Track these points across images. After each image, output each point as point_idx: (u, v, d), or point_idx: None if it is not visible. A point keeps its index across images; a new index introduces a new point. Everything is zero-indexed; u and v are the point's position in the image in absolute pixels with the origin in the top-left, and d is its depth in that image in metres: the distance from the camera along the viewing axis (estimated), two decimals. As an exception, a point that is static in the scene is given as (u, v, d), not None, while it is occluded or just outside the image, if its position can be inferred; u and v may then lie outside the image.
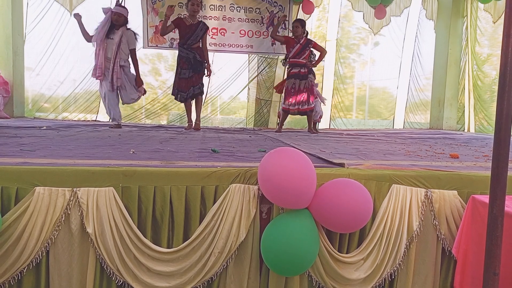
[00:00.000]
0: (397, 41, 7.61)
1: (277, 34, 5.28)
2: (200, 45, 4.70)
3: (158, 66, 7.61)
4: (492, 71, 6.53)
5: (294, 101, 5.02)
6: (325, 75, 7.54)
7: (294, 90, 5.01)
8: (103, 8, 4.59)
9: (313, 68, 5.17)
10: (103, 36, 4.46)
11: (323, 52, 5.13)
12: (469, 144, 3.84)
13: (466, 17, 6.91)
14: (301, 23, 5.01)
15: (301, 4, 6.92)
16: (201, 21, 4.79)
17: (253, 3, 6.82)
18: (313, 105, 5.12)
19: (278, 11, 6.88)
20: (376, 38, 7.60)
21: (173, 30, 4.78)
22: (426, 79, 7.60)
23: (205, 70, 4.75)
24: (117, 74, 4.48)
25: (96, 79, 4.59)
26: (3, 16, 6.03)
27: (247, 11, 6.84)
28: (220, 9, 6.77)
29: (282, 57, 7.14)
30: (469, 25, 6.84)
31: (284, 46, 5.24)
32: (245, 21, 6.85)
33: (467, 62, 6.91)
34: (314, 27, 7.57)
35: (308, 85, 5.01)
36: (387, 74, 7.82)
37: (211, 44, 6.83)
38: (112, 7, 4.64)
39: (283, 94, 5.25)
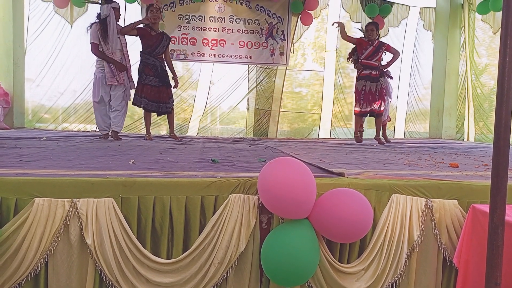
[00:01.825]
0: (396, 51, 7.65)
1: (347, 36, 5.07)
2: (163, 56, 4.70)
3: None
4: (491, 80, 6.57)
5: (366, 102, 4.87)
6: (324, 85, 7.58)
7: (364, 92, 4.89)
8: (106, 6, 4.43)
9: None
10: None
11: (396, 54, 5.01)
12: (468, 153, 3.85)
13: (463, 28, 6.98)
14: (376, 26, 4.95)
15: (300, 16, 6.99)
16: (163, 32, 4.75)
17: (252, 15, 6.90)
18: (383, 108, 4.96)
19: (277, 22, 6.96)
20: (374, 48, 7.65)
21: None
22: (424, 88, 7.65)
23: (173, 82, 4.76)
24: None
25: (120, 84, 4.49)
26: (4, 28, 6.09)
27: (246, 23, 6.91)
28: (220, 20, 6.85)
29: (281, 67, 7.23)
30: (467, 35, 6.90)
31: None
32: (244, 32, 6.92)
33: (465, 72, 6.96)
34: (313, 37, 7.63)
35: (379, 88, 4.88)
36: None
37: (210, 55, 6.90)
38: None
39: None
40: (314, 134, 7.67)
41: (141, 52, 4.63)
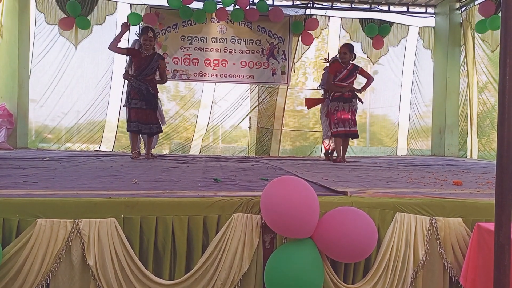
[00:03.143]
0: (396, 70, 7.74)
1: (332, 83, 4.96)
2: (155, 76, 4.67)
3: (160, 96, 7.67)
4: (491, 97, 6.60)
5: (341, 122, 4.87)
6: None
7: (338, 112, 4.89)
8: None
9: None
10: None
11: (370, 79, 5.04)
12: (472, 171, 3.83)
13: (463, 46, 7.06)
14: (349, 48, 4.92)
15: (300, 36, 7.10)
16: (156, 52, 4.70)
17: (254, 35, 7.01)
18: (356, 129, 4.96)
19: (278, 43, 7.07)
20: (375, 67, 7.74)
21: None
22: (426, 106, 7.69)
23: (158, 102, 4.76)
24: None
25: None
26: (10, 50, 6.20)
27: (248, 43, 7.02)
28: (222, 41, 6.96)
29: (283, 86, 7.29)
30: (466, 53, 6.98)
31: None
32: (246, 52, 7.02)
33: (466, 90, 7.00)
34: (313, 56, 7.73)
35: (353, 108, 4.90)
36: (388, 101, 7.91)
37: (212, 75, 6.99)
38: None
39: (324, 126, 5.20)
40: (316, 152, 7.68)
41: (130, 76, 4.60)
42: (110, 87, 6.84)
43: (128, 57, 4.73)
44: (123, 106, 4.95)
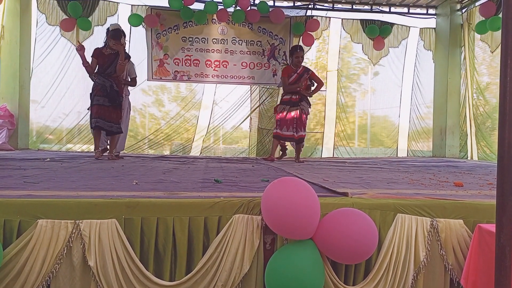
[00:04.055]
0: (397, 71, 7.73)
1: (288, 84, 5.07)
2: (124, 77, 4.70)
3: (161, 97, 7.74)
4: (492, 99, 6.59)
5: (285, 126, 5.00)
6: (327, 104, 7.63)
7: (285, 117, 5.01)
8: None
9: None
10: None
11: (320, 83, 5.15)
12: (473, 172, 3.82)
13: (463, 47, 7.05)
14: (303, 52, 5.07)
15: (301, 37, 7.10)
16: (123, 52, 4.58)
17: (255, 36, 7.02)
18: (304, 133, 5.09)
19: (278, 44, 7.07)
20: (375, 68, 7.73)
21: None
22: (426, 107, 7.68)
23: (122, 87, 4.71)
24: None
25: None
26: (11, 51, 6.21)
27: (249, 44, 7.02)
28: (223, 42, 6.97)
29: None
30: (467, 55, 6.97)
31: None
32: (246, 53, 7.02)
33: (467, 91, 6.99)
34: (314, 58, 7.73)
35: (299, 113, 4.99)
36: (388, 103, 7.90)
37: (213, 76, 7.00)
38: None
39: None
40: (317, 153, 7.67)
41: (95, 74, 4.56)
42: (110, 88, 6.82)
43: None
44: (87, 109, 4.80)
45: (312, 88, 5.20)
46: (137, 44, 6.83)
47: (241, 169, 3.62)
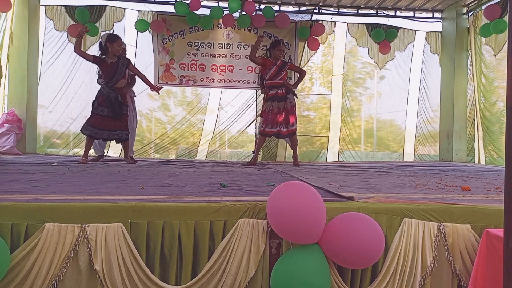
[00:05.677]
0: (403, 75, 7.70)
1: (256, 56, 5.12)
2: (135, 74, 4.75)
3: (167, 102, 7.77)
4: (500, 102, 6.54)
5: (272, 123, 4.91)
6: (332, 108, 7.62)
7: (272, 113, 4.93)
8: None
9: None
10: None
11: (302, 73, 5.09)
12: (480, 176, 3.79)
13: (470, 50, 7.02)
14: (285, 46, 5.03)
15: (306, 41, 7.11)
16: (120, 55, 4.63)
17: (260, 41, 7.02)
18: (294, 127, 4.98)
19: (284, 48, 7.07)
20: (381, 72, 7.72)
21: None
22: (433, 111, 7.63)
23: (152, 89, 4.82)
24: None
25: None
26: (19, 57, 6.28)
27: (254, 48, 7.02)
28: (228, 47, 7.00)
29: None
30: (473, 58, 6.93)
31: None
32: (252, 57, 7.03)
33: (473, 94, 6.95)
34: (320, 62, 7.73)
35: (288, 106, 4.92)
36: (394, 107, 7.87)
37: (219, 80, 7.02)
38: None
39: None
40: (322, 157, 7.65)
41: (101, 82, 4.64)
42: (117, 93, 6.89)
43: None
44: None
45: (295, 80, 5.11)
46: (143, 49, 6.90)
47: (247, 173, 3.62)
